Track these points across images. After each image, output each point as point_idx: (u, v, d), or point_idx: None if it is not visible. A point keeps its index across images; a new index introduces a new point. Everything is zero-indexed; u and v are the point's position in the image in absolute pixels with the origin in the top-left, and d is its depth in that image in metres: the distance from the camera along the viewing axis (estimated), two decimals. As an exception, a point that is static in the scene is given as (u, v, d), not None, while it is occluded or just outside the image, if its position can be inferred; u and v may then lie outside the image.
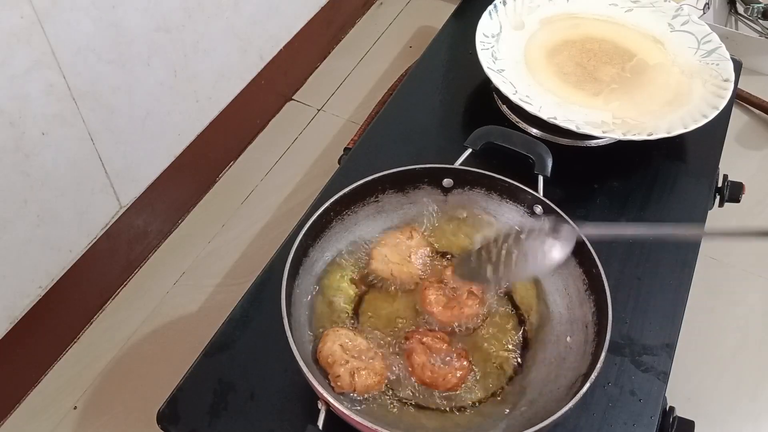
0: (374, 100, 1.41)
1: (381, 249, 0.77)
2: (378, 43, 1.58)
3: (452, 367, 0.70)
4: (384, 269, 0.76)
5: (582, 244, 0.72)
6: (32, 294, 0.98)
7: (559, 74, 1.00)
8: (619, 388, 0.74)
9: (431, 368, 0.69)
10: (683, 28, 1.05)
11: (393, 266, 0.76)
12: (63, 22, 0.85)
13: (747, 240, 0.58)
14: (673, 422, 0.75)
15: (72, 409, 1.02)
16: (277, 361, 0.73)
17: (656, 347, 0.78)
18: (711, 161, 0.98)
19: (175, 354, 1.06)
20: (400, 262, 0.76)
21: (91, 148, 0.98)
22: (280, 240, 0.85)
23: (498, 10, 1.05)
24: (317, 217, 0.74)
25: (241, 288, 0.82)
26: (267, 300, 0.79)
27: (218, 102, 1.23)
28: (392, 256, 0.76)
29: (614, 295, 0.69)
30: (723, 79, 0.97)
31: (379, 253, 0.77)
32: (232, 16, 1.17)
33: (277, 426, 0.71)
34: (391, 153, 0.97)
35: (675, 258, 0.86)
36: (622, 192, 0.93)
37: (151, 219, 1.16)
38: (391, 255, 0.77)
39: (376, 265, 0.76)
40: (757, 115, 1.43)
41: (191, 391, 0.73)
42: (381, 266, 0.76)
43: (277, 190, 1.29)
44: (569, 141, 0.96)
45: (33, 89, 0.85)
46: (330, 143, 1.37)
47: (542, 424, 0.60)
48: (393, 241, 0.78)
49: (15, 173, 0.87)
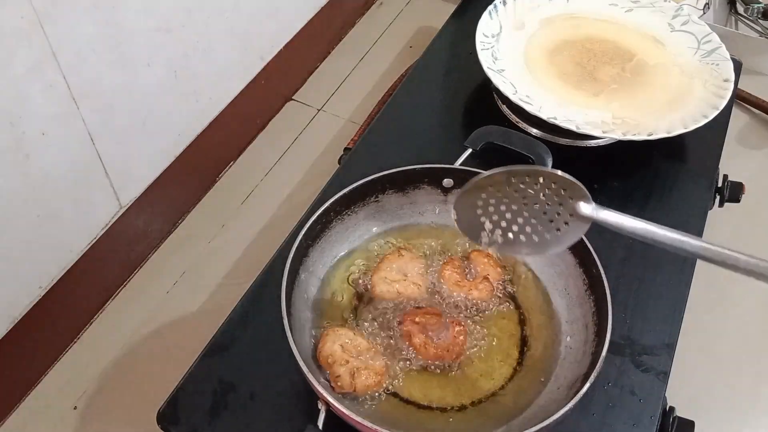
0: (374, 100, 1.41)
1: (379, 274, 0.77)
2: (378, 43, 1.58)
3: (451, 335, 0.72)
4: (389, 290, 0.76)
5: (582, 244, 0.72)
6: (32, 294, 0.98)
7: (559, 74, 1.00)
8: (619, 388, 0.74)
9: (434, 344, 0.71)
10: (683, 28, 1.05)
11: (398, 285, 0.76)
12: (63, 23, 0.85)
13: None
14: (673, 422, 0.75)
15: (72, 409, 1.02)
16: (277, 361, 0.73)
17: (656, 347, 0.78)
18: (711, 161, 0.98)
19: (175, 354, 1.06)
20: (402, 278, 0.76)
21: (92, 148, 0.98)
22: (280, 240, 0.85)
23: (498, 10, 1.05)
24: (317, 217, 0.74)
25: (241, 288, 0.82)
26: (267, 300, 0.79)
27: (218, 102, 1.23)
28: (393, 276, 0.76)
29: (614, 295, 0.69)
30: (723, 79, 0.97)
31: (378, 278, 0.76)
32: (232, 16, 1.17)
33: (277, 426, 0.71)
34: (391, 153, 0.97)
35: (675, 258, 0.86)
36: (622, 192, 0.93)
37: (151, 219, 1.16)
38: (391, 276, 0.76)
39: (380, 289, 0.76)
40: (757, 115, 1.43)
41: (191, 391, 0.73)
42: (385, 288, 0.76)
43: (277, 190, 1.29)
44: (569, 141, 0.96)
45: (33, 89, 0.85)
46: (330, 143, 1.37)
47: (542, 424, 0.60)
48: (387, 266, 0.77)
49: (15, 173, 0.87)
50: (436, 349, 0.71)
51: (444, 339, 0.72)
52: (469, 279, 0.77)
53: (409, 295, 0.76)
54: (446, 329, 0.72)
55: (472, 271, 0.78)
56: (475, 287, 0.76)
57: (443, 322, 0.73)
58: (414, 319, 0.73)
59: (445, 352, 0.71)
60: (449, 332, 0.72)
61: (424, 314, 0.73)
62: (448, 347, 0.71)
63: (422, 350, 0.71)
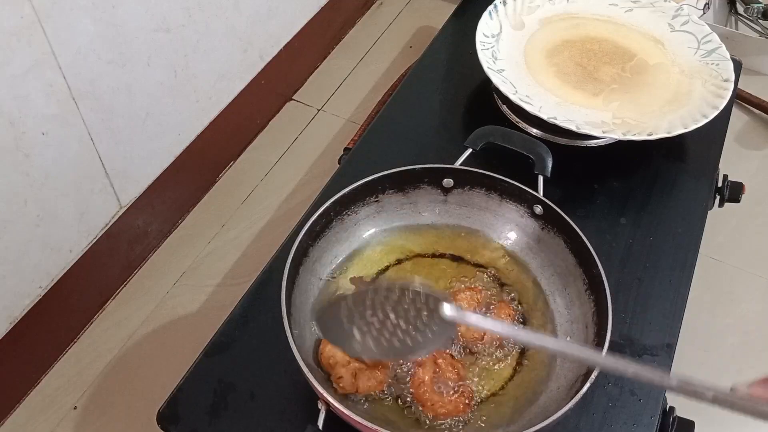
0: (374, 100, 1.41)
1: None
2: (378, 43, 1.58)
3: (448, 399, 0.68)
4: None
5: (582, 244, 0.72)
6: (32, 294, 0.98)
7: (559, 74, 1.00)
8: (619, 388, 0.74)
9: (427, 389, 0.68)
10: (683, 28, 1.05)
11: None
12: (63, 22, 0.85)
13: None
14: (673, 422, 0.75)
15: (72, 409, 1.02)
16: (277, 361, 0.73)
17: (656, 347, 0.78)
18: (711, 161, 0.98)
19: (175, 354, 1.06)
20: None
21: (91, 148, 0.98)
22: (280, 240, 0.85)
23: (498, 10, 1.05)
24: (317, 217, 0.74)
25: (242, 288, 0.82)
26: (267, 300, 0.79)
27: (218, 102, 1.24)
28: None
29: (614, 295, 0.69)
30: (723, 79, 0.97)
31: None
32: (232, 16, 1.17)
33: (277, 426, 0.71)
34: (391, 153, 0.97)
35: (675, 258, 0.86)
36: (622, 192, 0.93)
37: (151, 219, 1.16)
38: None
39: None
40: (757, 115, 1.43)
41: (191, 391, 0.73)
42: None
43: (277, 190, 1.29)
44: (569, 141, 0.96)
45: (33, 89, 0.85)
46: (330, 143, 1.37)
47: (542, 424, 0.60)
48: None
49: (15, 173, 0.87)
50: (425, 394, 0.68)
51: (438, 395, 0.68)
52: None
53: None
54: (450, 391, 0.68)
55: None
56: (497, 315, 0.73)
57: (455, 383, 0.69)
58: (436, 358, 0.69)
59: (428, 403, 0.68)
60: (449, 395, 0.68)
61: (449, 362, 0.69)
62: (435, 402, 0.67)
63: (415, 384, 0.68)
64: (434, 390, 0.68)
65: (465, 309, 0.67)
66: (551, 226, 0.77)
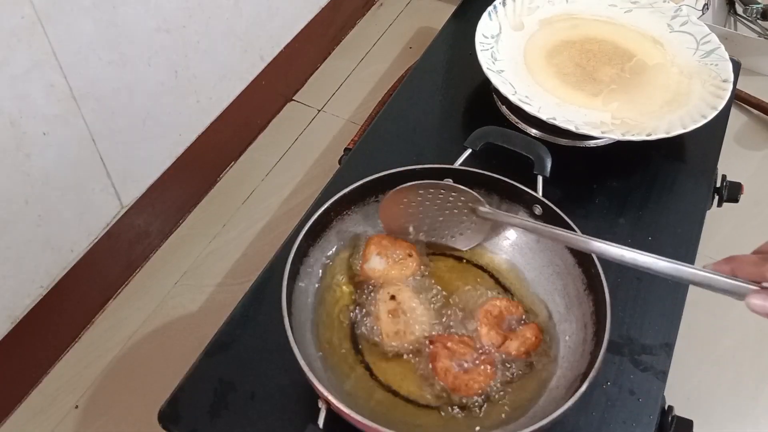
0: (374, 100, 1.41)
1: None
2: (378, 44, 1.58)
3: (475, 373, 0.69)
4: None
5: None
6: (33, 294, 0.98)
7: (558, 75, 1.00)
8: (618, 388, 0.74)
9: (455, 374, 0.69)
10: (682, 28, 1.06)
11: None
12: (64, 23, 0.85)
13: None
14: (672, 421, 0.75)
15: (73, 408, 1.02)
16: (278, 360, 0.74)
17: (655, 347, 0.78)
18: (710, 161, 0.99)
19: (176, 354, 1.07)
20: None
21: (92, 148, 0.98)
22: (280, 240, 0.85)
23: (497, 11, 1.05)
24: (317, 217, 0.74)
25: (242, 288, 0.82)
26: (267, 300, 0.79)
27: (219, 102, 1.24)
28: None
29: (613, 294, 0.69)
30: (722, 79, 0.98)
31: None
32: (232, 16, 1.17)
33: (278, 425, 0.71)
34: (391, 153, 0.97)
35: (674, 258, 0.86)
36: (621, 192, 0.93)
37: (152, 219, 1.17)
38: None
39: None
40: (756, 115, 1.44)
41: (192, 391, 0.73)
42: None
43: (278, 190, 1.29)
44: (568, 141, 0.96)
45: (34, 89, 0.85)
46: (330, 143, 1.37)
47: (541, 423, 0.61)
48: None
49: (16, 173, 0.87)
50: (455, 379, 0.69)
51: (466, 374, 0.69)
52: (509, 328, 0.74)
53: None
54: (473, 365, 0.69)
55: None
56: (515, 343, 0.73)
57: (473, 356, 0.70)
58: (445, 344, 0.70)
59: (462, 386, 0.69)
60: (475, 369, 0.69)
61: (458, 341, 0.71)
62: (467, 382, 0.69)
63: (441, 375, 0.69)
64: (462, 370, 0.69)
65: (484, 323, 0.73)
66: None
